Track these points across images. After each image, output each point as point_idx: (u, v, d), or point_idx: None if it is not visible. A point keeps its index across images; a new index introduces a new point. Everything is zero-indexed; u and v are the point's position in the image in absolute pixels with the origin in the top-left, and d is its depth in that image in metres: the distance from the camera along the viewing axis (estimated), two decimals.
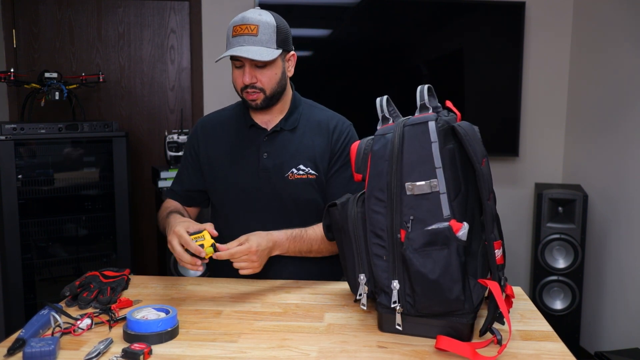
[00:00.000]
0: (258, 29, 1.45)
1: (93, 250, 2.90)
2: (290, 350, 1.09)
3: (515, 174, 3.49)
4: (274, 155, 1.57)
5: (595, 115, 3.13)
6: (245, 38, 1.45)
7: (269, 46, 1.46)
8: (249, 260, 1.37)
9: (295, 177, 1.56)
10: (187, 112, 3.42)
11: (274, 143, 1.58)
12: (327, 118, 1.64)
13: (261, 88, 1.50)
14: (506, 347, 1.07)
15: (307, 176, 1.57)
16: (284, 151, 1.57)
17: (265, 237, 1.42)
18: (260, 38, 1.45)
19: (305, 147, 1.58)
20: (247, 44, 1.44)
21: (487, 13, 3.27)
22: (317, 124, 1.62)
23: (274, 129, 1.58)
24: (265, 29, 1.46)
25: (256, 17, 1.47)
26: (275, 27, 1.48)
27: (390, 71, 3.32)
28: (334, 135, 1.61)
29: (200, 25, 3.32)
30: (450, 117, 1.13)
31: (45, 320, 1.16)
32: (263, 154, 1.57)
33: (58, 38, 3.29)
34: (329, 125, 1.62)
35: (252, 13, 1.48)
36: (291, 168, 1.57)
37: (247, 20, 1.46)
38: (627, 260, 2.83)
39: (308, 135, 1.60)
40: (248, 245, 1.37)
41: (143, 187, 3.42)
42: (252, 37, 1.45)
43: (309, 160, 1.57)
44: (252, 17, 1.46)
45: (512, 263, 3.39)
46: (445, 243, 1.05)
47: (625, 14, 2.87)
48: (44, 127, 2.71)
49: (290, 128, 1.59)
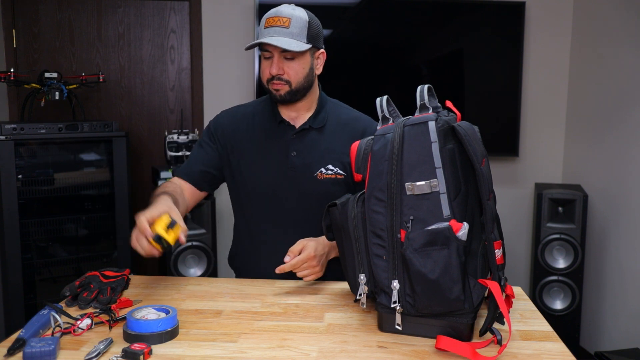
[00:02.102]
0: (290, 22, 1.47)
1: (93, 250, 2.90)
2: (290, 350, 1.09)
3: (515, 174, 3.49)
4: (303, 154, 1.56)
5: (595, 116, 3.13)
6: (276, 29, 1.46)
7: (300, 40, 1.47)
8: (311, 267, 1.42)
9: (324, 177, 1.56)
10: (187, 112, 3.42)
11: (303, 141, 1.57)
12: (354, 118, 1.65)
13: (287, 80, 1.50)
14: (506, 347, 1.07)
15: (335, 176, 1.57)
16: (313, 150, 1.57)
17: (321, 242, 1.45)
18: (292, 31, 1.46)
19: (334, 147, 1.58)
20: (277, 35, 1.46)
21: (487, 13, 3.27)
22: (344, 123, 1.62)
23: (303, 127, 1.58)
24: (297, 23, 1.47)
25: (289, 11, 1.48)
26: (307, 22, 1.50)
27: (390, 71, 3.32)
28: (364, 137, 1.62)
29: (200, 25, 3.32)
30: (450, 117, 1.13)
31: (45, 320, 1.15)
32: (292, 152, 1.56)
33: (58, 38, 3.29)
34: (357, 126, 1.62)
35: (286, 7, 1.49)
36: (320, 168, 1.56)
37: (280, 13, 1.47)
38: (627, 260, 2.83)
39: (336, 134, 1.60)
40: (307, 253, 1.40)
41: (143, 187, 3.41)
42: (284, 29, 1.46)
43: (337, 161, 1.57)
44: (286, 10, 1.48)
45: (512, 263, 3.40)
46: (445, 243, 1.05)
47: (625, 14, 2.87)
48: (44, 127, 2.71)
49: (319, 126, 1.59)
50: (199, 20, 3.32)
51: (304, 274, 1.43)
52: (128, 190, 2.88)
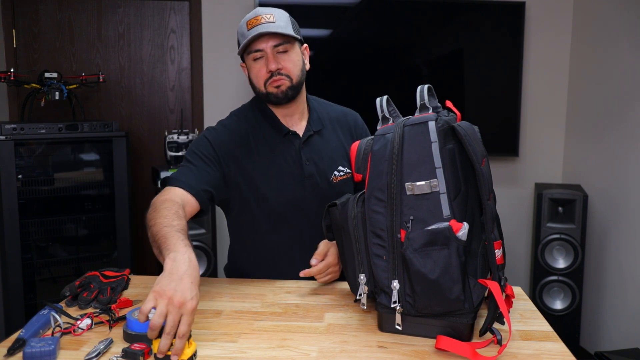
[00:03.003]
0: (274, 16, 1.45)
1: (93, 250, 2.90)
2: (290, 350, 1.09)
3: (515, 174, 3.49)
4: (315, 161, 1.54)
5: (595, 116, 3.13)
6: (263, 25, 1.43)
7: (288, 31, 1.45)
8: (333, 272, 1.45)
9: (338, 179, 1.56)
10: (187, 112, 3.42)
11: (311, 148, 1.55)
12: (341, 113, 1.66)
13: (287, 74, 1.47)
14: (506, 347, 1.07)
15: (346, 176, 1.58)
16: (322, 155, 1.56)
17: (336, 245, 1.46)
18: (279, 24, 1.44)
19: (337, 146, 1.59)
20: (265, 29, 1.42)
21: (487, 13, 3.27)
22: (336, 120, 1.63)
23: (308, 134, 1.55)
24: (281, 17, 1.46)
25: (269, 9, 1.46)
26: (289, 16, 1.49)
27: (390, 71, 3.32)
28: (356, 131, 1.64)
29: (200, 25, 3.32)
30: (450, 117, 1.13)
31: (45, 320, 1.15)
32: (305, 161, 1.53)
33: (58, 38, 3.29)
34: (347, 120, 1.64)
35: (263, 8, 1.48)
36: (333, 171, 1.56)
37: (260, 12, 1.45)
38: (627, 260, 2.83)
39: (334, 133, 1.61)
40: (333, 257, 1.43)
41: (143, 187, 3.42)
42: (270, 24, 1.43)
43: (344, 159, 1.58)
44: (265, 9, 1.46)
45: (512, 263, 3.40)
46: (445, 243, 1.05)
47: (625, 14, 2.87)
48: (44, 127, 2.71)
49: (318, 130, 1.58)
50: (199, 20, 3.32)
51: (325, 279, 1.45)
52: (128, 190, 2.88)
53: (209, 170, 1.45)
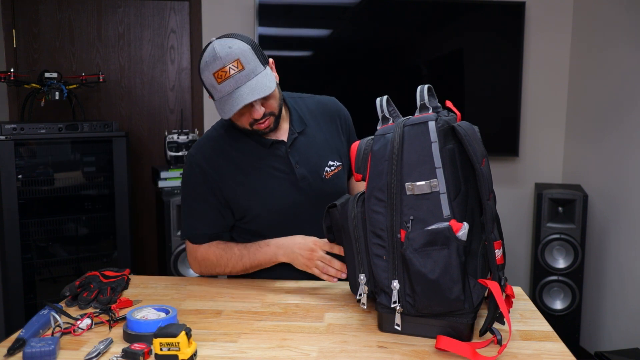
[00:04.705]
0: (240, 61, 1.33)
1: (93, 250, 2.90)
2: (290, 350, 1.09)
3: (515, 174, 3.49)
4: (305, 162, 1.53)
5: (595, 115, 3.13)
6: (235, 79, 1.33)
7: (259, 71, 1.36)
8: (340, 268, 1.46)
9: (330, 174, 1.56)
10: (187, 112, 3.42)
11: (298, 150, 1.54)
12: (320, 103, 1.64)
13: (271, 112, 1.44)
14: (506, 347, 1.07)
15: (337, 169, 1.58)
16: (310, 154, 1.55)
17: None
18: (248, 70, 1.34)
19: (322, 141, 1.58)
20: (240, 84, 1.34)
21: (487, 13, 3.28)
22: (315, 112, 1.61)
23: (292, 137, 1.53)
24: (245, 57, 1.34)
25: (228, 51, 1.33)
26: (250, 49, 1.36)
27: (390, 71, 3.32)
28: (339, 117, 1.64)
29: (200, 25, 3.33)
30: (450, 117, 1.13)
31: (45, 320, 1.16)
32: (294, 164, 1.52)
33: (58, 38, 3.29)
34: (326, 110, 1.63)
35: (221, 50, 1.34)
36: (324, 167, 1.56)
37: (223, 60, 1.33)
38: (627, 260, 2.83)
39: (316, 127, 1.59)
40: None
41: (143, 187, 3.42)
42: (241, 75, 1.33)
43: (332, 153, 1.58)
44: (225, 53, 1.33)
45: (512, 263, 3.40)
46: (445, 243, 1.05)
47: (625, 14, 2.88)
48: (44, 127, 2.71)
49: (301, 130, 1.56)
50: (199, 20, 3.32)
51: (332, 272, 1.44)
52: (128, 190, 2.88)
53: (214, 212, 1.53)
